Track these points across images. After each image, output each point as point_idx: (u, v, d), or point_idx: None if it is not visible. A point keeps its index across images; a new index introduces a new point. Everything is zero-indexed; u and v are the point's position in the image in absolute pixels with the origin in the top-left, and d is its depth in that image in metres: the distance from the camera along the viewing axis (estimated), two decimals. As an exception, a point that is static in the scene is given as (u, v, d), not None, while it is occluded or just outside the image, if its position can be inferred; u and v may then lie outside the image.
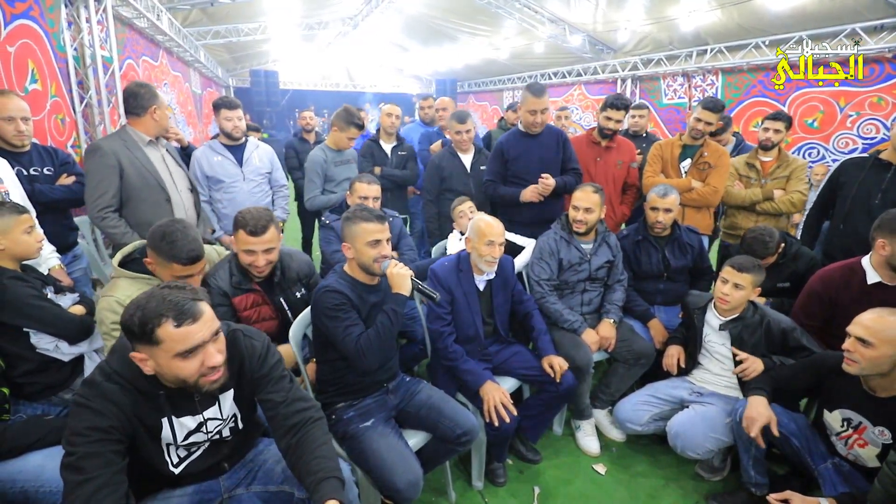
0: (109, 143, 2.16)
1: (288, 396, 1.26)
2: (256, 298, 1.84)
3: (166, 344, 1.03)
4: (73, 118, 3.85)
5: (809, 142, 6.03)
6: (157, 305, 1.02)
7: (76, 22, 3.93)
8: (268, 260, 1.79)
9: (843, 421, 1.65)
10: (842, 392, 1.64)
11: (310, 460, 1.16)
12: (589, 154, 2.97)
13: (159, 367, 1.07)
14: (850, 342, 1.52)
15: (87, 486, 0.99)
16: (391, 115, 3.37)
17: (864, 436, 1.59)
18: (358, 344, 1.58)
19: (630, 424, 2.10)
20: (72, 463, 1.01)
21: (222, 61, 10.59)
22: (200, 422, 1.21)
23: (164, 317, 1.02)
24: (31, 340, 1.62)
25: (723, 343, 2.04)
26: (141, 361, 1.07)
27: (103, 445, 1.04)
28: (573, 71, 9.39)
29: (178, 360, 1.06)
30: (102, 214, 2.10)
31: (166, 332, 1.02)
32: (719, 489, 2.02)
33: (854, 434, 1.62)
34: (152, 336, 1.02)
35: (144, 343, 1.04)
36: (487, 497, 2.00)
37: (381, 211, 1.73)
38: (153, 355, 1.06)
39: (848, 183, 2.46)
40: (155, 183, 2.20)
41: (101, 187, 2.09)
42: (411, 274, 1.67)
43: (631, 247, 2.53)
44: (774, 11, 5.54)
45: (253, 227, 1.73)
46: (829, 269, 2.06)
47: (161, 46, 6.48)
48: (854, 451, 1.63)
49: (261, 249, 1.76)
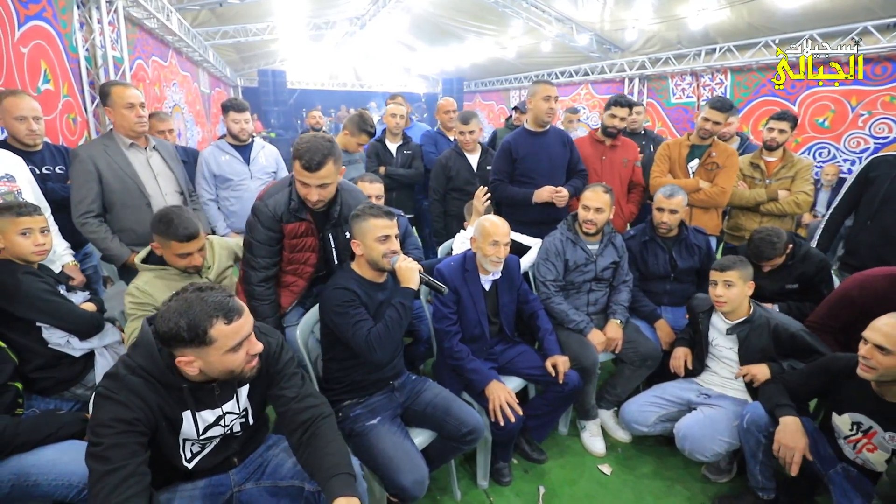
0: (88, 150, 2.16)
1: (300, 393, 1.30)
2: (308, 227, 1.81)
3: (220, 342, 1.08)
4: (85, 118, 3.90)
5: (820, 141, 5.95)
6: (203, 308, 1.07)
7: (88, 23, 3.99)
8: (321, 196, 1.71)
9: (852, 424, 1.63)
10: (852, 395, 1.62)
11: (322, 456, 1.18)
12: (594, 153, 2.95)
13: (208, 365, 1.11)
14: (867, 349, 1.49)
15: (113, 475, 1.01)
16: (395, 115, 3.38)
17: (874, 440, 1.57)
18: (368, 338, 1.59)
19: (637, 425, 2.09)
20: (98, 453, 1.03)
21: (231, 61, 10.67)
22: (219, 415, 1.24)
23: (215, 317, 1.07)
24: (44, 335, 1.66)
25: (730, 347, 2.02)
26: (187, 364, 1.10)
27: (128, 437, 1.06)
28: (580, 70, 9.35)
29: (230, 355, 1.11)
30: (82, 220, 2.12)
31: (219, 331, 1.08)
32: (726, 491, 2.01)
33: (863, 438, 1.60)
34: (205, 337, 1.07)
35: (195, 346, 1.08)
36: (492, 496, 2.00)
37: (388, 208, 1.73)
38: (203, 355, 1.10)
39: (879, 179, 2.42)
40: (134, 187, 2.19)
41: (81, 193, 2.11)
42: (420, 268, 1.68)
43: (638, 247, 2.52)
44: (785, 10, 5.47)
45: (308, 160, 1.61)
46: (873, 275, 1.92)
47: (170, 46, 6.54)
48: (862, 455, 1.61)
49: (315, 184, 1.67)
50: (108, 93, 2.17)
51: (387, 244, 1.65)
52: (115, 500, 1.00)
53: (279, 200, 1.76)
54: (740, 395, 2.01)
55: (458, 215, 2.98)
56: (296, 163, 1.67)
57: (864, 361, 1.50)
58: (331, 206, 1.83)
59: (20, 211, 1.64)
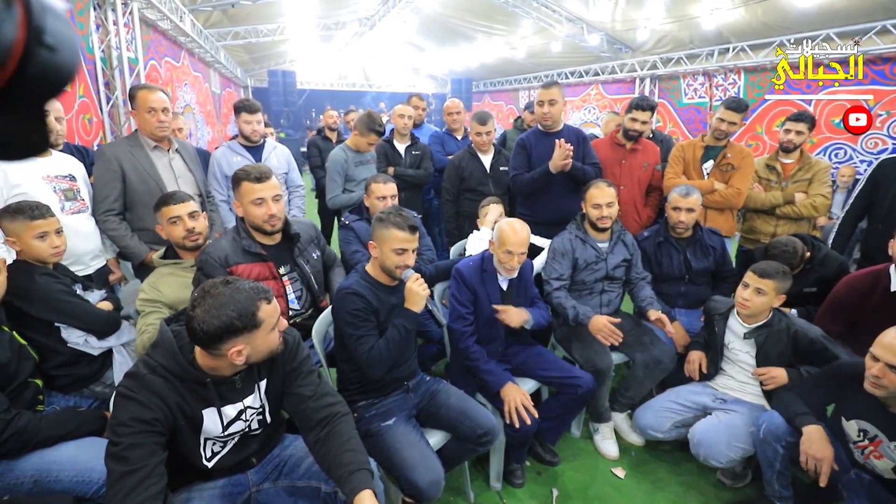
0: (113, 149, 2.23)
1: (317, 391, 1.30)
2: (263, 271, 1.76)
3: (266, 321, 1.14)
4: (100, 118, 3.96)
5: (836, 142, 5.86)
6: (246, 295, 1.12)
7: (104, 24, 4.04)
8: (279, 209, 1.76)
9: (859, 431, 1.61)
10: (858, 403, 1.60)
11: (340, 453, 1.19)
12: (613, 157, 2.91)
13: (254, 349, 1.15)
14: (879, 368, 1.45)
15: (131, 476, 1.02)
16: (403, 115, 3.39)
17: (880, 448, 1.55)
18: (369, 355, 1.60)
19: (652, 431, 2.06)
20: (117, 453, 1.05)
21: (241, 62, 10.75)
22: (241, 409, 1.25)
23: (258, 300, 1.14)
24: (62, 335, 1.68)
25: (747, 351, 2.00)
26: (237, 355, 1.14)
27: (146, 437, 1.08)
28: (591, 70, 9.29)
29: (272, 334, 1.18)
30: (103, 218, 2.17)
31: (265, 311, 1.14)
32: (741, 497, 1.99)
33: (870, 445, 1.58)
34: (255, 320, 1.12)
35: (247, 332, 1.12)
36: (505, 498, 1.99)
37: (414, 220, 1.70)
38: (251, 339, 1.14)
39: (886, 183, 2.39)
40: (156, 188, 2.23)
41: (104, 192, 2.16)
42: (428, 294, 1.67)
43: (652, 248, 2.49)
44: (800, 8, 5.39)
45: (257, 174, 1.73)
46: (857, 274, 2.01)
47: (183, 47, 6.61)
48: (870, 461, 1.58)
49: (270, 196, 1.73)
50: (135, 96, 2.23)
51: (402, 257, 1.64)
52: (131, 502, 1.01)
53: (222, 245, 1.73)
54: (757, 399, 1.99)
55: (470, 216, 2.97)
56: (243, 184, 1.73)
57: (876, 381, 1.46)
58: (287, 227, 1.86)
59: (34, 214, 1.65)
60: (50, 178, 1.98)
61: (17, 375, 1.49)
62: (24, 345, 1.57)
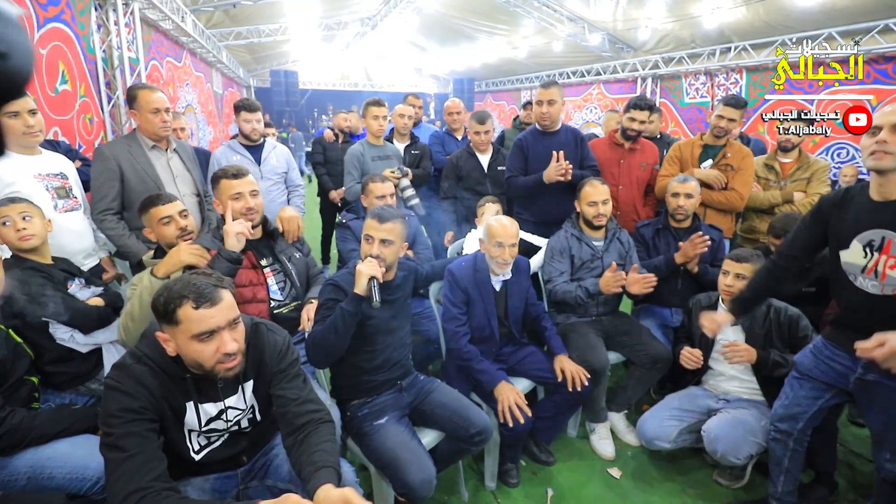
0: (112, 148, 2.23)
1: (301, 396, 1.27)
2: (251, 277, 1.82)
3: (184, 325, 1.08)
4: (101, 118, 3.98)
5: (838, 142, 5.83)
6: (182, 288, 1.08)
7: (105, 25, 4.06)
8: (257, 203, 1.81)
9: (864, 249, 1.44)
10: (851, 218, 1.47)
11: (311, 453, 1.15)
12: (612, 156, 2.89)
13: (179, 349, 1.13)
14: (883, 135, 1.32)
15: (131, 461, 1.03)
16: (403, 115, 3.39)
17: (893, 251, 1.39)
18: (312, 336, 1.60)
19: (659, 442, 2.00)
20: (112, 443, 1.05)
21: (243, 62, 10.79)
22: (221, 409, 1.24)
23: (186, 298, 1.08)
24: (49, 330, 1.67)
25: (735, 339, 1.99)
26: (165, 342, 1.13)
27: (138, 425, 1.08)
28: (592, 70, 9.28)
29: (196, 343, 1.10)
30: (101, 217, 2.17)
31: (185, 313, 1.08)
32: (739, 497, 1.98)
33: (881, 256, 1.41)
34: (173, 316, 1.08)
35: (167, 323, 1.10)
36: (500, 498, 1.99)
37: (397, 210, 1.72)
38: (174, 336, 1.11)
39: None
40: (154, 188, 2.23)
41: (102, 191, 2.17)
42: (374, 275, 1.57)
43: (651, 234, 2.52)
44: (803, 7, 5.36)
45: (234, 171, 1.80)
46: None
47: (185, 47, 6.63)
48: (889, 278, 1.40)
49: (247, 191, 1.79)
50: (135, 96, 2.22)
51: (370, 245, 1.64)
52: (136, 483, 1.00)
53: (208, 239, 1.80)
54: (756, 396, 1.99)
55: (468, 215, 2.97)
56: (221, 183, 1.79)
57: (880, 147, 1.34)
58: (268, 233, 1.91)
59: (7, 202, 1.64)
60: (42, 177, 1.98)
61: (13, 373, 1.49)
62: (19, 342, 1.57)
